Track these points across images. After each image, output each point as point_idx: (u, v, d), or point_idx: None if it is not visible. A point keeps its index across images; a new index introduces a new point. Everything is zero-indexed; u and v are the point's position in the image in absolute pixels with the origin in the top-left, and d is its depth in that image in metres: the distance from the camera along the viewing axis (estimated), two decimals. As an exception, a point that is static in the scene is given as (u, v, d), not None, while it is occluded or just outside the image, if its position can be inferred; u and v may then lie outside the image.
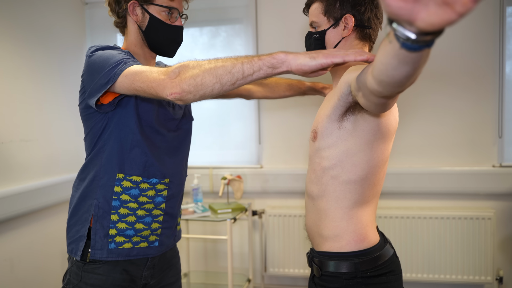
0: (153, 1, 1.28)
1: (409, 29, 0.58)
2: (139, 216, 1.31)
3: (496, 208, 2.55)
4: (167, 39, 1.33)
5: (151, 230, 1.34)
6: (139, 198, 1.30)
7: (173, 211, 1.41)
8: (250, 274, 2.75)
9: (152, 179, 1.32)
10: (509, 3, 2.50)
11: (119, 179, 1.28)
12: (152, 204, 1.33)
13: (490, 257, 2.46)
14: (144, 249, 1.33)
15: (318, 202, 1.17)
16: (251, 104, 2.86)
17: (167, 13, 1.30)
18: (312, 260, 1.21)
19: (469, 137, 2.58)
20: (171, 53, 1.39)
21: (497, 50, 2.51)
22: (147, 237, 1.33)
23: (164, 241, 1.39)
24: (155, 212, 1.35)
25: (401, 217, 2.56)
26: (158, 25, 1.30)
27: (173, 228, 1.43)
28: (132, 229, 1.30)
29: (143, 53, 1.36)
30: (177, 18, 1.33)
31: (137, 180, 1.30)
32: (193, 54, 2.98)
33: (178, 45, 1.38)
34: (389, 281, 1.11)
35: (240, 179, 2.70)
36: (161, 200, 1.35)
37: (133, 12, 1.30)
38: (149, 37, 1.32)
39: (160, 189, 1.34)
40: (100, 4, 3.00)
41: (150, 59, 1.39)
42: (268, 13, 2.79)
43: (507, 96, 2.54)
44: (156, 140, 1.33)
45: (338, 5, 1.16)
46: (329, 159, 1.13)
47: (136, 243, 1.31)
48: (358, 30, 1.17)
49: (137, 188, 1.30)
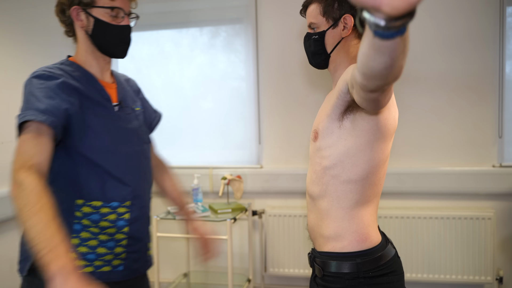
0: (95, 4, 1.26)
1: (378, 16, 0.58)
2: (101, 240, 1.26)
3: (496, 208, 2.55)
4: (115, 40, 1.31)
5: (115, 255, 1.29)
6: (100, 223, 1.26)
7: (138, 234, 1.35)
8: (250, 274, 2.75)
9: (113, 203, 1.28)
10: (509, 3, 2.50)
11: (78, 205, 1.24)
12: (115, 228, 1.28)
13: (490, 257, 2.46)
14: (106, 273, 1.27)
15: (319, 202, 1.17)
16: (251, 104, 2.86)
17: (111, 14, 1.28)
18: (313, 261, 1.21)
19: (469, 137, 2.58)
20: (121, 54, 1.36)
21: (497, 50, 2.51)
22: (110, 261, 1.28)
23: (130, 266, 1.33)
24: (118, 236, 1.29)
25: (401, 217, 2.56)
26: (103, 27, 1.28)
27: (141, 252, 1.37)
28: (93, 253, 1.25)
29: (96, 60, 1.33)
30: (123, 17, 1.31)
31: (97, 205, 1.26)
32: (193, 54, 2.98)
33: (127, 45, 1.36)
34: (391, 281, 1.11)
35: (240, 179, 2.70)
36: (124, 224, 1.30)
37: (78, 18, 1.28)
38: (97, 40, 1.30)
39: (121, 212, 1.30)
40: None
41: (104, 64, 1.35)
42: (268, 13, 2.79)
43: (507, 96, 2.54)
44: (113, 162, 1.28)
45: (336, 6, 1.16)
46: (329, 159, 1.13)
47: (98, 267, 1.26)
48: (357, 29, 1.18)
49: (97, 213, 1.26)
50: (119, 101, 1.36)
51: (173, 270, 3.03)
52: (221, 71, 2.97)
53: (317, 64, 1.25)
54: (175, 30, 3.01)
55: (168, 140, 3.04)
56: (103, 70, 1.35)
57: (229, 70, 2.96)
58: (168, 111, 3.05)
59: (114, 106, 1.34)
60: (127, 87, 1.46)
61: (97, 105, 1.28)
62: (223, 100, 2.96)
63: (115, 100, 1.35)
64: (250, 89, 2.86)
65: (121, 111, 1.35)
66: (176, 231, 3.02)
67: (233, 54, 2.95)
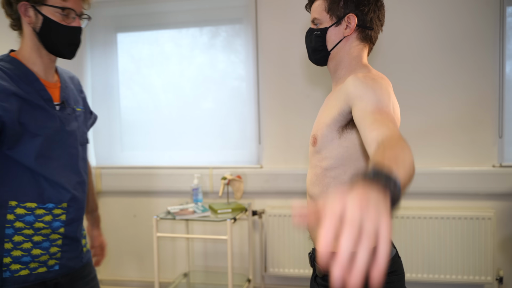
0: (45, 2, 1.22)
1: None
2: (35, 242, 1.26)
3: (496, 208, 2.55)
4: (63, 40, 1.28)
5: (50, 255, 1.30)
6: (35, 224, 1.26)
7: (74, 235, 1.36)
8: (250, 274, 2.75)
9: (48, 204, 1.27)
10: (509, 3, 2.50)
11: (11, 207, 1.22)
12: (50, 229, 1.29)
13: (490, 257, 2.46)
14: (42, 274, 1.29)
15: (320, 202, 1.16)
16: (251, 104, 2.86)
17: (61, 13, 1.24)
18: (314, 260, 1.20)
19: (469, 137, 2.58)
20: (69, 54, 1.32)
21: (497, 50, 2.51)
22: (45, 262, 1.29)
23: (66, 264, 1.34)
24: (53, 236, 1.30)
25: (401, 217, 2.56)
26: (52, 27, 1.24)
27: (77, 250, 1.39)
28: (28, 256, 1.26)
29: (41, 58, 1.30)
30: (74, 18, 1.28)
31: (32, 207, 1.25)
32: (193, 54, 2.98)
33: (76, 47, 1.33)
34: (391, 281, 1.11)
35: (240, 179, 2.70)
36: (59, 225, 1.30)
37: (25, 14, 1.24)
38: (44, 39, 1.26)
39: (57, 213, 1.30)
40: (100, 4, 3.00)
41: (48, 63, 1.32)
42: (268, 13, 2.79)
43: (507, 96, 2.54)
44: (48, 166, 1.27)
45: (342, 4, 1.16)
46: (329, 161, 1.13)
47: (33, 269, 1.27)
48: (360, 30, 1.17)
49: (32, 215, 1.25)
50: (61, 101, 1.34)
51: (173, 270, 3.03)
52: (221, 71, 2.96)
53: (316, 60, 1.25)
54: (175, 30, 3.01)
55: (168, 140, 3.04)
56: (47, 68, 1.32)
57: (229, 70, 2.96)
58: (168, 111, 3.05)
59: (56, 105, 1.31)
60: (71, 85, 1.43)
61: (36, 107, 1.25)
62: (223, 100, 2.96)
63: (57, 100, 1.33)
64: (250, 89, 2.86)
65: (62, 111, 1.33)
66: (176, 231, 3.02)
67: (233, 54, 2.95)
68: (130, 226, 3.08)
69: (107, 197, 3.10)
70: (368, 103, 0.97)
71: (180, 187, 2.92)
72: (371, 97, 0.98)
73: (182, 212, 2.47)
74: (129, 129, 3.10)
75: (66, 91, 1.38)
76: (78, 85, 1.50)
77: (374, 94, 0.98)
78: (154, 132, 3.05)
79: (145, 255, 3.07)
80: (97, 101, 3.08)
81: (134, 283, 3.10)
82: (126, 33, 3.08)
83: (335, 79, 1.23)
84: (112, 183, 3.05)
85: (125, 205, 3.08)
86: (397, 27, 2.60)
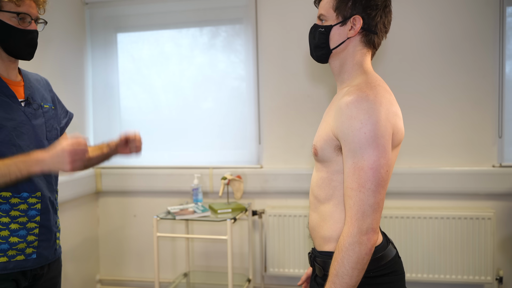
0: (1, 8, 1.31)
1: None
2: (12, 230, 1.33)
3: (496, 208, 2.56)
4: (20, 43, 1.37)
5: (27, 243, 1.36)
6: (11, 212, 1.32)
7: (49, 223, 1.43)
8: (250, 274, 2.75)
9: (23, 193, 1.35)
10: (509, 3, 2.50)
11: None
12: (26, 218, 1.36)
13: (490, 257, 2.46)
14: (21, 262, 1.35)
15: (325, 204, 1.16)
16: (251, 104, 2.86)
17: (17, 18, 1.33)
18: (314, 260, 1.20)
19: (469, 137, 2.58)
20: (27, 56, 1.41)
21: (497, 50, 2.51)
22: (23, 250, 1.35)
23: (42, 253, 1.41)
24: (30, 225, 1.37)
25: (401, 217, 2.57)
26: (9, 31, 1.33)
27: (52, 241, 1.45)
28: (6, 243, 1.32)
29: (1, 59, 1.38)
30: (30, 22, 1.37)
31: (7, 196, 1.32)
32: (193, 54, 2.98)
33: (33, 49, 1.42)
34: (391, 281, 1.11)
35: (240, 179, 2.70)
36: (35, 213, 1.38)
37: None
38: (2, 43, 1.34)
39: (32, 202, 1.37)
40: (100, 4, 3.00)
41: (9, 64, 1.40)
42: (268, 13, 2.79)
43: (507, 96, 2.54)
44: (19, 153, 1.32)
45: (350, 4, 1.14)
46: (335, 168, 1.13)
47: (12, 257, 1.33)
48: (364, 33, 1.15)
49: (7, 203, 1.32)
50: (26, 98, 1.42)
51: (173, 270, 3.03)
52: (221, 71, 2.97)
53: (317, 57, 1.24)
54: (175, 30, 3.01)
55: (168, 140, 3.04)
56: (9, 69, 1.40)
57: (229, 70, 2.96)
58: (168, 111, 3.05)
59: (21, 102, 1.40)
60: (36, 85, 1.52)
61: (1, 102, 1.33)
62: (223, 100, 2.96)
63: (21, 97, 1.41)
64: (250, 89, 2.86)
65: (28, 107, 1.41)
66: (176, 231, 3.02)
67: (233, 54, 2.95)
68: (130, 226, 3.08)
69: (107, 197, 3.10)
70: (348, 155, 1.04)
71: (180, 187, 2.92)
72: (351, 145, 1.03)
73: (182, 212, 2.47)
74: (129, 129, 3.09)
75: (30, 89, 1.47)
76: (46, 85, 1.58)
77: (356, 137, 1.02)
78: (154, 132, 3.05)
79: (145, 255, 3.07)
80: (97, 101, 3.08)
81: (134, 283, 3.10)
82: (126, 33, 3.08)
83: (339, 81, 1.22)
84: (112, 183, 3.05)
85: (125, 205, 3.08)
86: (397, 27, 2.59)
